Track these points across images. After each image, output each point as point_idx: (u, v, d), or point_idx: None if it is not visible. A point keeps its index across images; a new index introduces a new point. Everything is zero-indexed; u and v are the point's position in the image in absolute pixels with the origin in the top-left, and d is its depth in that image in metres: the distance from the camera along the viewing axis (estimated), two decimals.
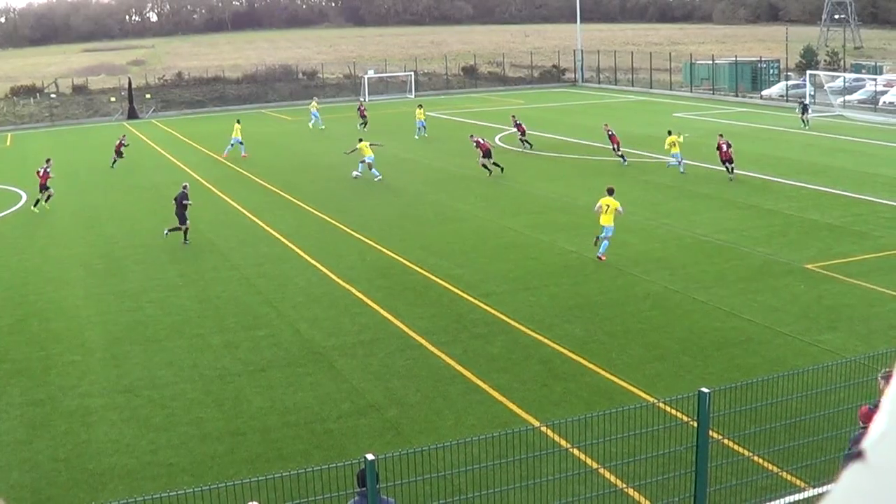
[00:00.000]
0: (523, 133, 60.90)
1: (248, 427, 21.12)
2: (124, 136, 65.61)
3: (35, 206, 47.30)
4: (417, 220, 42.35)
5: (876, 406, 15.16)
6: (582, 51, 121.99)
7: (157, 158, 65.80)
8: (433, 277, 32.76)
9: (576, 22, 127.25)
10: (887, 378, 15.98)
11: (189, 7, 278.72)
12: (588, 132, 67.29)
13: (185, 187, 39.94)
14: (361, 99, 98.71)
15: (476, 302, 29.79)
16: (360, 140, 54.29)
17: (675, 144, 51.50)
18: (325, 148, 61.32)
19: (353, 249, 37.33)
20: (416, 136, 70.52)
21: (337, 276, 33.31)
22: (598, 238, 34.51)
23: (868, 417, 14.97)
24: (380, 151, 55.15)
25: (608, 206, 34.64)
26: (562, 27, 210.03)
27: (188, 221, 38.93)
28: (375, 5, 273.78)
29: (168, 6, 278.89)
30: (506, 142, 65.59)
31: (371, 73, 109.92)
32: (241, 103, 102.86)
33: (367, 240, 38.55)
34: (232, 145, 63.18)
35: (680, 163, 51.65)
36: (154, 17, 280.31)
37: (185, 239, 38.84)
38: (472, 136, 55.68)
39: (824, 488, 16.34)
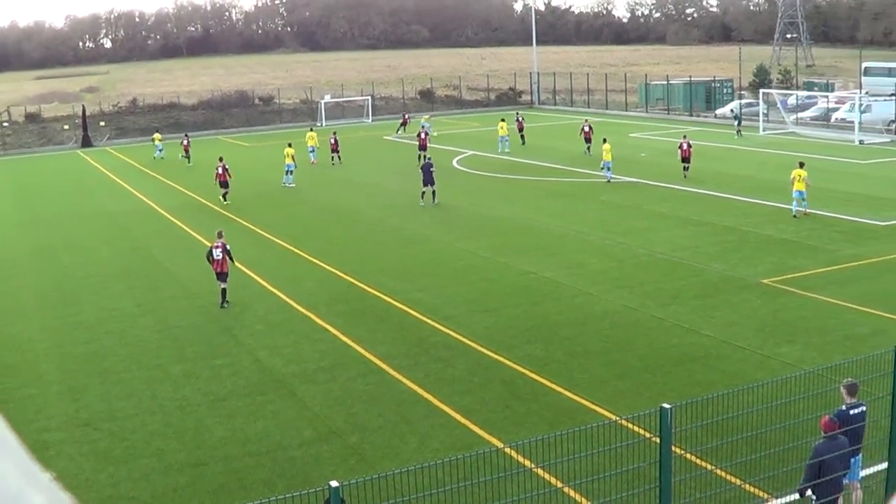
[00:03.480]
0: (521, 129, 61.89)
1: (210, 457, 20.99)
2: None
3: None
4: (376, 244, 42.31)
5: (837, 416, 15.31)
6: (538, 73, 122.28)
7: (112, 187, 65.43)
8: (393, 301, 32.74)
9: (531, 44, 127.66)
10: (849, 387, 16.11)
11: (144, 33, 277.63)
12: (544, 153, 67.44)
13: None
14: (318, 124, 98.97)
15: (436, 325, 29.79)
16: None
17: (607, 152, 54.53)
18: (279, 174, 61.13)
19: (311, 275, 37.26)
20: (500, 150, 71.99)
21: (296, 303, 33.22)
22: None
23: (829, 427, 15.07)
24: (338, 176, 54.97)
25: (800, 175, 42.94)
26: (518, 50, 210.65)
27: None
28: (331, 30, 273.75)
29: (122, 32, 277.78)
30: (462, 164, 65.66)
31: (328, 98, 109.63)
32: (196, 130, 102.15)
33: (324, 265, 38.49)
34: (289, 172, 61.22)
35: (607, 169, 54.47)
36: (108, 44, 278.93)
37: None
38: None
39: (787, 499, 16.44)
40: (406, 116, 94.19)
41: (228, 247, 33.86)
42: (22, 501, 2.06)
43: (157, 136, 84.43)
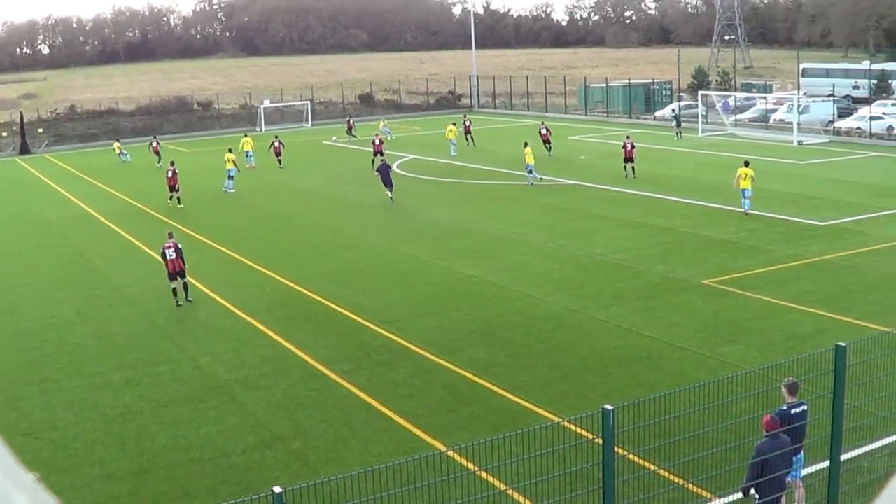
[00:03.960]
0: (547, 141, 61.08)
1: (153, 465, 20.84)
2: None
3: None
4: (316, 248, 42.22)
5: (778, 415, 15.39)
6: (477, 76, 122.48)
7: (50, 193, 64.87)
8: (334, 306, 32.65)
9: (471, 48, 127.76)
10: (790, 387, 16.21)
11: (81, 38, 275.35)
12: (485, 157, 67.55)
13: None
14: (258, 130, 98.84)
15: (378, 329, 29.73)
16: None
17: (529, 155, 54.90)
18: (220, 180, 60.85)
19: (253, 281, 37.10)
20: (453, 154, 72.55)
21: (237, 309, 33.06)
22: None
23: (770, 426, 15.15)
24: (278, 181, 54.82)
25: (745, 174, 43.91)
26: (457, 53, 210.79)
27: None
28: (270, 35, 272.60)
29: (60, 38, 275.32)
30: (403, 168, 65.65)
31: (267, 103, 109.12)
32: (135, 135, 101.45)
33: (265, 270, 38.34)
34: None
35: (531, 172, 54.97)
36: (46, 50, 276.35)
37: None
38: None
39: (730, 498, 16.51)
40: (351, 121, 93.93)
41: (180, 245, 34.23)
42: (5, 501, 2.02)
43: (117, 144, 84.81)
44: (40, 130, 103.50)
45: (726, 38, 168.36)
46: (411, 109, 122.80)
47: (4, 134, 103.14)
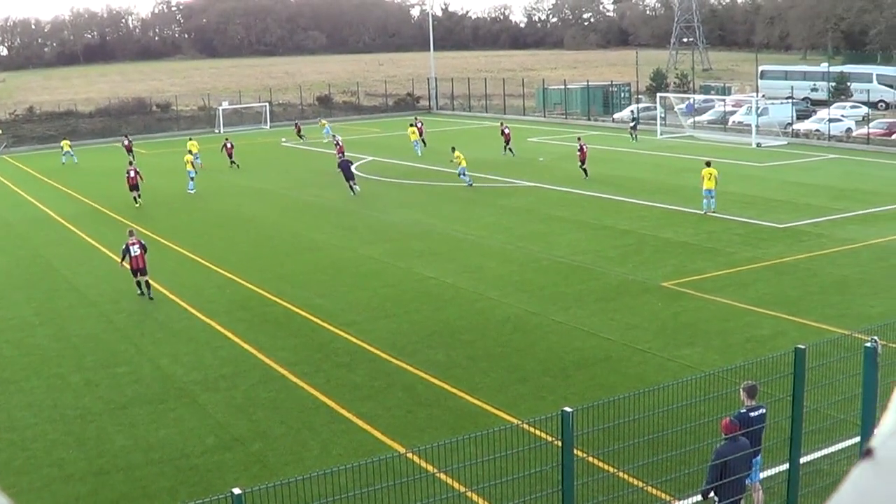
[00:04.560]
0: (583, 161, 58.35)
1: (112, 466, 20.79)
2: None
3: None
4: (275, 250, 42.13)
5: (737, 418, 15.50)
6: (436, 78, 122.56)
7: (9, 195, 64.48)
8: (293, 308, 32.63)
9: (429, 50, 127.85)
10: (748, 390, 16.31)
11: (40, 40, 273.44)
12: (443, 158, 67.57)
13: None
14: (217, 131, 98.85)
15: (337, 331, 29.74)
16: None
17: (460, 159, 55.95)
18: (179, 181, 60.68)
19: (212, 282, 37.03)
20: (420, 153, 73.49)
21: (196, 310, 32.98)
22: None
23: (729, 429, 15.27)
24: (236, 183, 54.76)
25: (710, 174, 44.79)
26: (415, 55, 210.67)
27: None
28: (228, 36, 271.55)
29: (19, 39, 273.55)
30: (361, 170, 65.59)
31: (225, 105, 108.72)
32: (94, 137, 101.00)
33: (225, 272, 38.27)
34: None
35: (464, 175, 55.98)
36: (4, 51, 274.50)
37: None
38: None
39: (690, 500, 16.62)
40: (298, 124, 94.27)
41: (143, 242, 35.29)
42: None
43: (65, 142, 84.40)
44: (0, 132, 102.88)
45: (685, 40, 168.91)
46: (370, 111, 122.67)
47: None
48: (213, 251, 42.15)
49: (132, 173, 55.55)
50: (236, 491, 12.69)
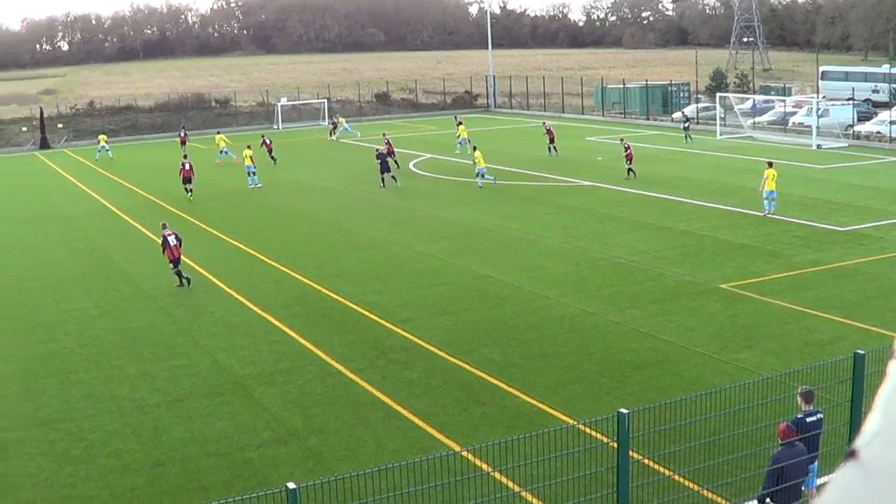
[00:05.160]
0: (630, 160, 57.62)
1: (168, 458, 20.92)
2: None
3: None
4: (332, 246, 42.21)
5: (794, 423, 15.36)
6: (494, 76, 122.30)
7: (69, 188, 65.03)
8: (350, 304, 32.68)
9: (487, 47, 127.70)
10: (805, 395, 16.15)
11: (101, 35, 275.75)
12: (501, 157, 67.41)
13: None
14: (275, 127, 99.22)
15: (393, 328, 29.75)
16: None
17: (479, 160, 55.71)
18: (236, 176, 60.96)
19: (269, 277, 37.15)
20: (458, 151, 73.19)
21: (253, 305, 33.12)
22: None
23: (786, 434, 15.13)
24: (294, 180, 54.91)
25: (771, 175, 44.27)
26: (474, 53, 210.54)
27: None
28: (287, 33, 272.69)
29: (79, 35, 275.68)
30: (419, 168, 65.67)
31: (284, 101, 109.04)
32: (153, 132, 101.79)
33: (282, 267, 38.39)
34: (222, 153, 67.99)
35: (482, 175, 55.81)
36: (65, 46, 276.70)
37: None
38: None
39: None
40: (334, 120, 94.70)
41: (178, 233, 36.23)
42: None
43: (102, 136, 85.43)
44: (60, 126, 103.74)
45: (745, 39, 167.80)
46: (428, 109, 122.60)
47: (24, 129, 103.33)
48: (270, 246, 42.30)
49: (187, 166, 56.37)
50: (291, 485, 12.73)
